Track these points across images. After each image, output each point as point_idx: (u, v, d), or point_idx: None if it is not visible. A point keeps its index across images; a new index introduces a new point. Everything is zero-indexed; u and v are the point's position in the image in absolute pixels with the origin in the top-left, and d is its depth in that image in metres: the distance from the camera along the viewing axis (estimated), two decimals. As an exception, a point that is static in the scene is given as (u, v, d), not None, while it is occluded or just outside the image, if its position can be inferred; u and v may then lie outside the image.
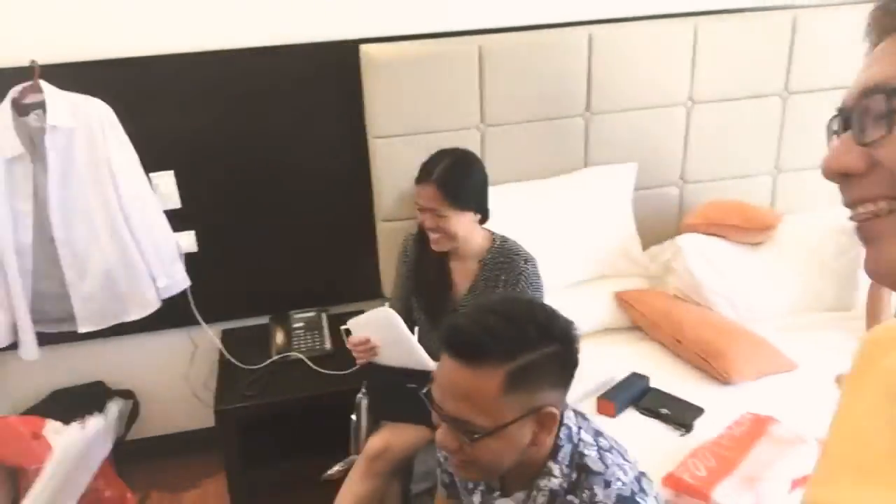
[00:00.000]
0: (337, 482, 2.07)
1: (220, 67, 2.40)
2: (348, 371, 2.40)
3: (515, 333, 1.10)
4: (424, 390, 1.18)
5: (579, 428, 1.25)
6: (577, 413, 1.28)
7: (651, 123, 2.65)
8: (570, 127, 2.60)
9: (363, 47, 2.38)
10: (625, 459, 1.24)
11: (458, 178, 1.99)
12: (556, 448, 1.20)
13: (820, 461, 0.81)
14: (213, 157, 2.51)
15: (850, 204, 0.65)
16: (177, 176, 2.50)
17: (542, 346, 1.11)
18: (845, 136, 0.64)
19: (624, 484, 1.17)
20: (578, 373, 2.22)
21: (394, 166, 2.46)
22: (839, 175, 0.64)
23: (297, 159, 2.57)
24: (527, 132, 2.56)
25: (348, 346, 2.02)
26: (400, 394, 1.86)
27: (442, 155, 2.03)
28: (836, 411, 0.82)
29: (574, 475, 1.20)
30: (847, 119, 0.64)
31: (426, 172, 2.00)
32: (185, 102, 2.43)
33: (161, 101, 2.41)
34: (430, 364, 1.93)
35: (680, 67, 2.60)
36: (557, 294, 2.41)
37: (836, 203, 0.68)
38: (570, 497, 1.19)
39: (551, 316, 1.16)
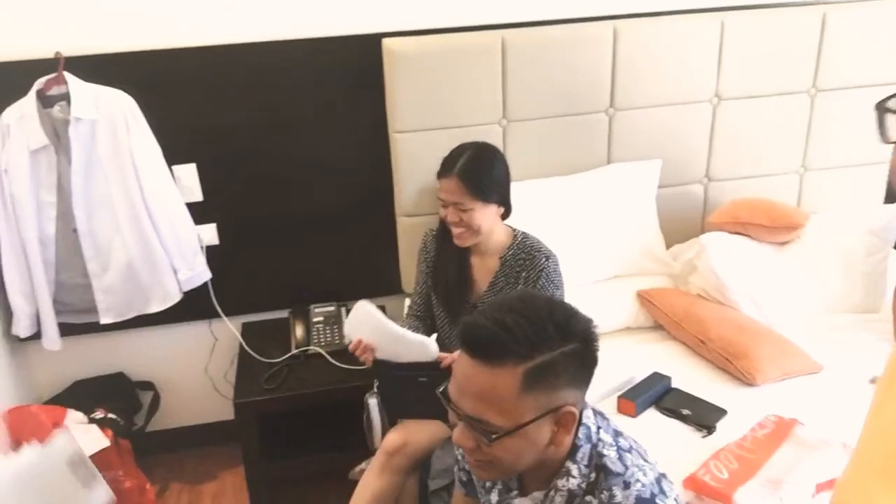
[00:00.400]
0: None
1: (244, 60, 2.41)
2: (367, 366, 2.39)
3: (534, 332, 1.07)
4: (441, 389, 1.16)
5: (598, 428, 1.22)
6: (596, 412, 1.26)
7: (676, 120, 2.61)
8: (593, 123, 2.57)
9: (385, 41, 2.37)
10: (645, 460, 1.22)
11: (481, 170, 1.97)
12: (575, 448, 1.18)
13: (850, 465, 0.79)
14: (234, 151, 2.51)
15: None
16: (199, 169, 2.51)
17: (561, 344, 1.09)
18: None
19: (643, 485, 1.15)
20: (599, 372, 2.20)
21: (415, 161, 2.45)
22: None
23: (318, 153, 2.56)
24: (549, 128, 2.54)
25: (350, 351, 2.03)
26: (411, 389, 1.85)
27: (463, 148, 2.01)
28: (868, 414, 0.80)
29: (593, 475, 1.18)
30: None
31: (448, 166, 1.99)
32: (207, 95, 2.43)
33: (184, 94, 2.41)
34: (426, 343, 1.93)
35: (706, 63, 2.56)
36: (579, 292, 2.39)
37: (863, 202, 0.64)
38: (588, 498, 1.18)
39: (570, 314, 1.13)
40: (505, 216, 2.07)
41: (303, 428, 2.64)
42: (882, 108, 0.62)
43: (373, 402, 2.10)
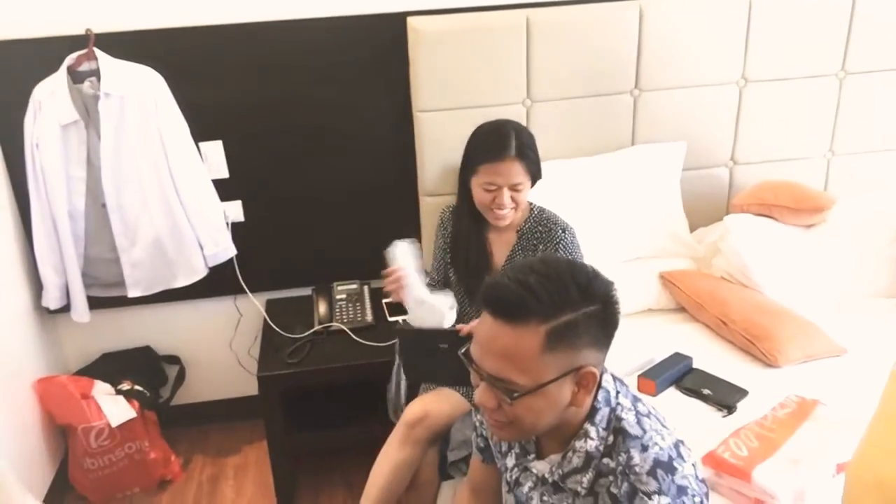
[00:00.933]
0: (375, 448, 2.09)
1: (270, 38, 2.43)
2: (388, 343, 2.43)
3: (557, 292, 1.09)
4: (463, 350, 1.18)
5: (618, 392, 1.24)
6: (615, 378, 1.27)
7: (702, 102, 2.59)
8: (618, 104, 2.56)
9: (410, 19, 2.38)
10: (663, 426, 1.23)
11: (533, 148, 2.00)
12: (594, 411, 1.20)
13: (869, 431, 0.79)
14: (260, 129, 2.54)
15: None
16: (225, 146, 2.54)
17: (583, 305, 1.10)
18: None
19: (661, 449, 1.16)
20: (619, 352, 2.21)
21: (438, 141, 2.46)
22: None
23: (342, 132, 2.58)
24: (574, 108, 2.53)
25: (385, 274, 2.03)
26: (432, 356, 1.86)
27: (503, 127, 1.99)
28: (882, 397, 0.80)
29: (611, 438, 1.19)
30: None
31: (501, 148, 1.95)
32: (234, 73, 2.46)
33: (211, 72, 2.44)
34: (444, 313, 1.94)
35: (733, 45, 2.54)
36: (601, 272, 2.39)
37: (891, 188, 0.59)
38: (605, 460, 1.19)
39: (592, 276, 1.15)
40: None
41: (325, 403, 2.67)
42: None
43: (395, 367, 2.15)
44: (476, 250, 2.12)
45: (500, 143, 1.96)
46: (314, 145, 2.59)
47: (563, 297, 1.09)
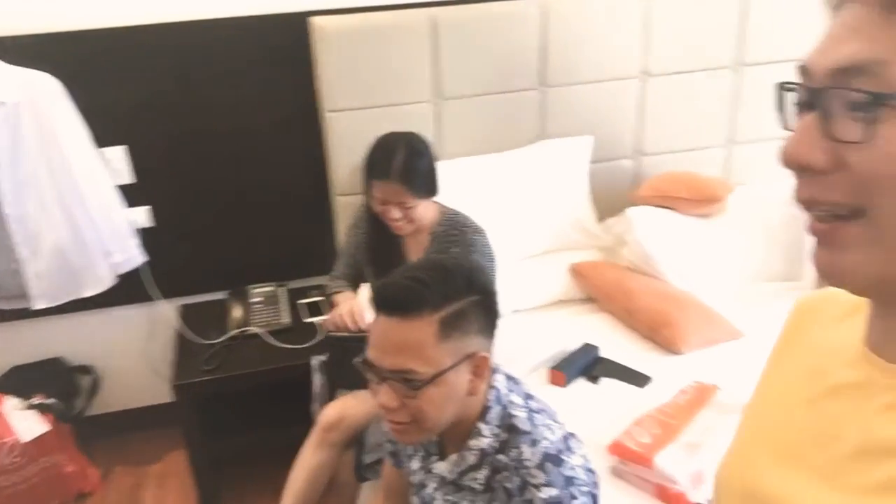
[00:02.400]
0: (296, 452, 2.09)
1: (172, 41, 2.38)
2: (306, 345, 2.43)
3: (445, 283, 1.17)
4: (359, 359, 1.20)
5: (509, 390, 1.29)
6: (508, 377, 1.32)
7: (606, 96, 2.66)
8: (525, 100, 2.61)
9: (313, 19, 2.36)
10: (553, 421, 1.28)
11: (417, 168, 1.96)
12: (486, 409, 1.25)
13: (737, 435, 0.82)
14: (165, 132, 2.49)
15: (805, 203, 0.59)
16: (130, 151, 2.48)
17: (469, 294, 1.19)
18: (810, 122, 0.57)
19: (550, 443, 1.22)
20: (532, 344, 2.27)
21: (349, 140, 2.46)
22: (799, 167, 0.58)
23: (251, 133, 2.55)
24: (482, 105, 2.57)
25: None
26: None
27: (391, 145, 1.97)
28: (758, 382, 0.84)
29: (503, 435, 1.25)
30: (814, 98, 0.57)
31: (383, 169, 1.95)
32: (135, 76, 2.40)
33: (111, 75, 2.38)
34: None
35: (633, 40, 2.61)
36: (513, 266, 2.44)
37: (786, 175, 0.63)
38: (499, 456, 1.24)
39: (473, 268, 1.26)
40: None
41: (247, 407, 2.66)
42: (780, 93, 0.61)
43: (314, 364, 2.19)
44: (391, 252, 2.14)
45: (384, 163, 1.94)
46: (223, 148, 2.55)
47: (451, 288, 1.17)
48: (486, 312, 1.22)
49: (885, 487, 0.57)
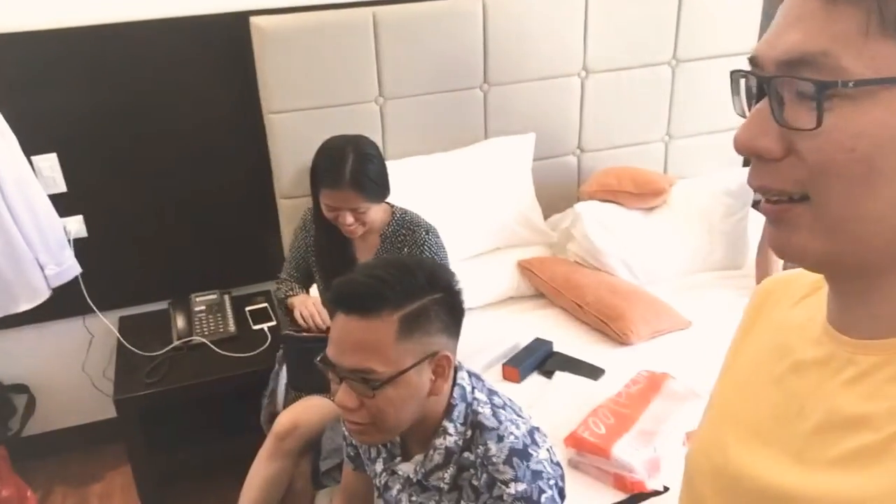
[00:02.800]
0: (250, 462, 2.04)
1: (104, 43, 2.29)
2: (254, 352, 2.38)
3: (405, 280, 1.15)
4: (318, 358, 1.18)
5: (473, 388, 1.28)
6: (471, 374, 1.31)
7: (548, 94, 2.68)
8: (469, 99, 2.61)
9: (253, 19, 2.31)
10: (518, 415, 1.28)
11: (368, 173, 1.93)
12: (451, 407, 1.24)
13: (705, 414, 0.83)
14: (99, 138, 2.40)
15: (759, 189, 0.61)
16: (60, 159, 2.38)
17: (430, 292, 1.17)
18: (763, 109, 0.58)
19: (516, 438, 1.21)
20: (485, 341, 2.26)
21: (292, 142, 2.42)
22: (751, 153, 0.59)
23: (189, 137, 2.48)
24: (426, 105, 2.56)
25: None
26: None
27: (339, 152, 1.93)
28: (724, 364, 0.85)
29: (469, 432, 1.24)
30: (764, 86, 0.58)
31: (333, 178, 1.91)
32: (67, 81, 2.30)
33: (41, 81, 2.28)
34: None
35: (573, 37, 2.64)
36: (462, 265, 2.44)
37: (724, 167, 0.64)
38: (465, 454, 1.23)
39: (436, 266, 1.24)
40: None
41: (194, 419, 2.58)
42: (736, 76, 0.63)
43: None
44: (341, 255, 2.10)
45: (334, 170, 1.91)
46: (160, 153, 2.47)
47: (412, 285, 1.15)
48: (449, 311, 1.20)
49: (849, 459, 0.59)
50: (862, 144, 0.53)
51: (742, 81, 0.62)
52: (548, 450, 1.25)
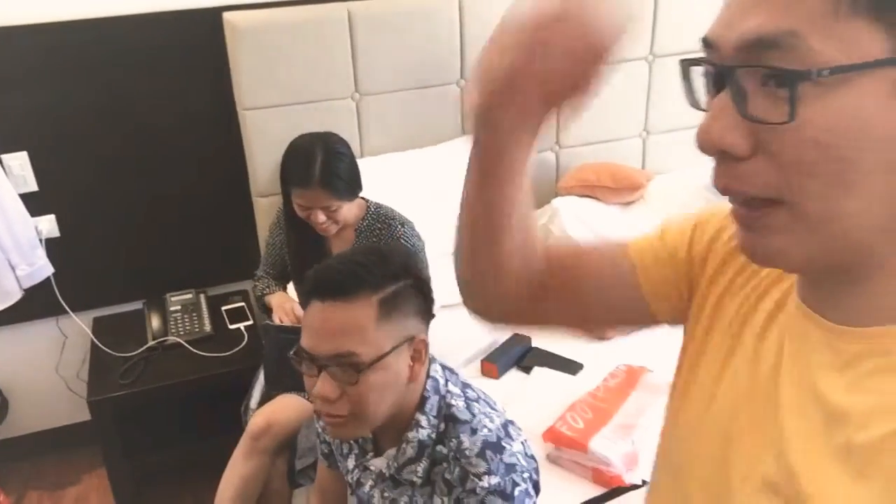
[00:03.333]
0: (223, 463, 2.02)
1: (74, 39, 2.26)
2: (231, 352, 2.35)
3: (382, 265, 1.16)
4: (292, 352, 1.16)
5: (447, 380, 1.27)
6: (444, 367, 1.30)
7: (525, 89, 2.67)
8: (445, 95, 2.59)
9: (226, 15, 2.28)
10: (492, 409, 1.27)
11: (338, 171, 1.92)
12: (423, 400, 1.23)
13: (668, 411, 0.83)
14: (70, 136, 2.36)
15: (723, 191, 0.55)
16: (31, 157, 2.34)
17: (405, 277, 1.18)
18: (725, 102, 0.53)
19: (490, 430, 1.20)
20: (463, 338, 2.25)
21: (267, 139, 2.39)
22: (716, 151, 0.54)
23: (163, 135, 2.45)
24: (403, 101, 2.54)
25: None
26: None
27: (308, 151, 1.92)
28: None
29: (442, 425, 1.22)
30: (724, 75, 0.53)
31: (302, 177, 1.90)
32: (36, 78, 2.27)
33: (9, 78, 2.24)
34: None
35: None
36: (440, 262, 2.42)
37: (703, 162, 0.57)
38: (438, 447, 1.22)
39: (409, 253, 1.29)
40: None
41: (171, 420, 2.55)
42: (687, 65, 0.57)
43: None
44: (316, 252, 2.08)
45: (304, 170, 1.89)
46: (134, 151, 2.44)
47: (388, 270, 1.16)
48: (422, 296, 1.21)
49: (843, 455, 0.55)
50: (836, 139, 0.49)
51: (698, 69, 0.56)
52: (522, 443, 1.24)
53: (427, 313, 1.23)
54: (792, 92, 0.48)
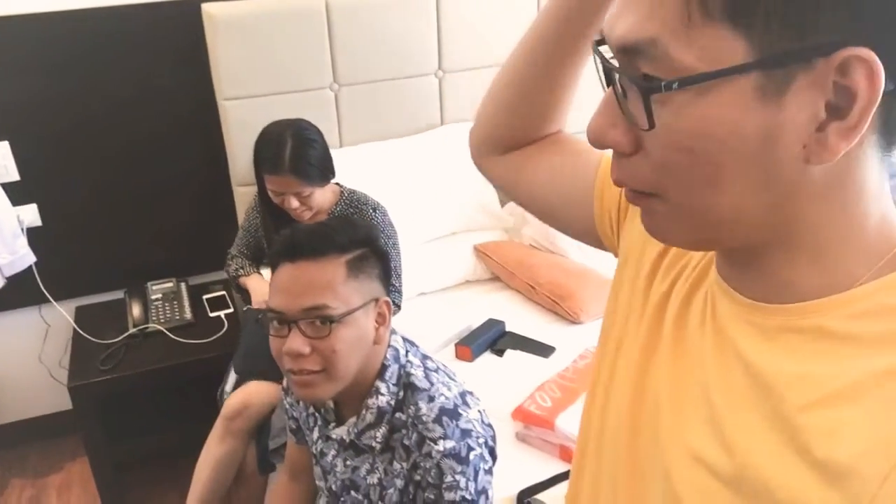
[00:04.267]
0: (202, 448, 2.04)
1: (56, 30, 2.29)
2: (211, 339, 2.38)
3: (349, 230, 1.23)
4: (259, 316, 1.20)
5: (407, 351, 1.31)
6: (405, 339, 1.33)
7: (503, 80, 2.70)
8: (424, 85, 2.63)
9: (204, 6, 2.31)
10: (451, 379, 1.30)
11: (309, 157, 1.96)
12: (384, 368, 1.26)
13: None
14: (53, 126, 2.39)
15: (616, 183, 0.56)
16: (13, 147, 2.37)
17: (367, 244, 1.24)
18: (611, 98, 0.53)
19: (447, 398, 1.23)
20: (439, 322, 2.28)
21: (247, 129, 2.40)
22: (603, 146, 0.54)
23: (144, 124, 2.48)
24: (381, 91, 2.57)
25: None
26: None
27: (279, 137, 1.96)
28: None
29: (401, 393, 1.26)
30: (610, 73, 0.52)
31: (273, 163, 1.94)
32: (17, 68, 2.29)
33: (-11, 67, 2.27)
34: None
35: (525, 25, 2.66)
36: (420, 249, 2.46)
37: None
38: (397, 414, 1.25)
39: (370, 226, 1.39)
40: None
41: (153, 407, 2.58)
42: (595, 45, 0.55)
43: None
44: None
45: (275, 156, 1.94)
46: (115, 140, 2.47)
47: (354, 235, 1.22)
48: (382, 264, 1.27)
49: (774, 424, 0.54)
50: (702, 143, 0.49)
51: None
52: (479, 411, 1.27)
53: (387, 281, 1.29)
54: (646, 101, 0.49)
